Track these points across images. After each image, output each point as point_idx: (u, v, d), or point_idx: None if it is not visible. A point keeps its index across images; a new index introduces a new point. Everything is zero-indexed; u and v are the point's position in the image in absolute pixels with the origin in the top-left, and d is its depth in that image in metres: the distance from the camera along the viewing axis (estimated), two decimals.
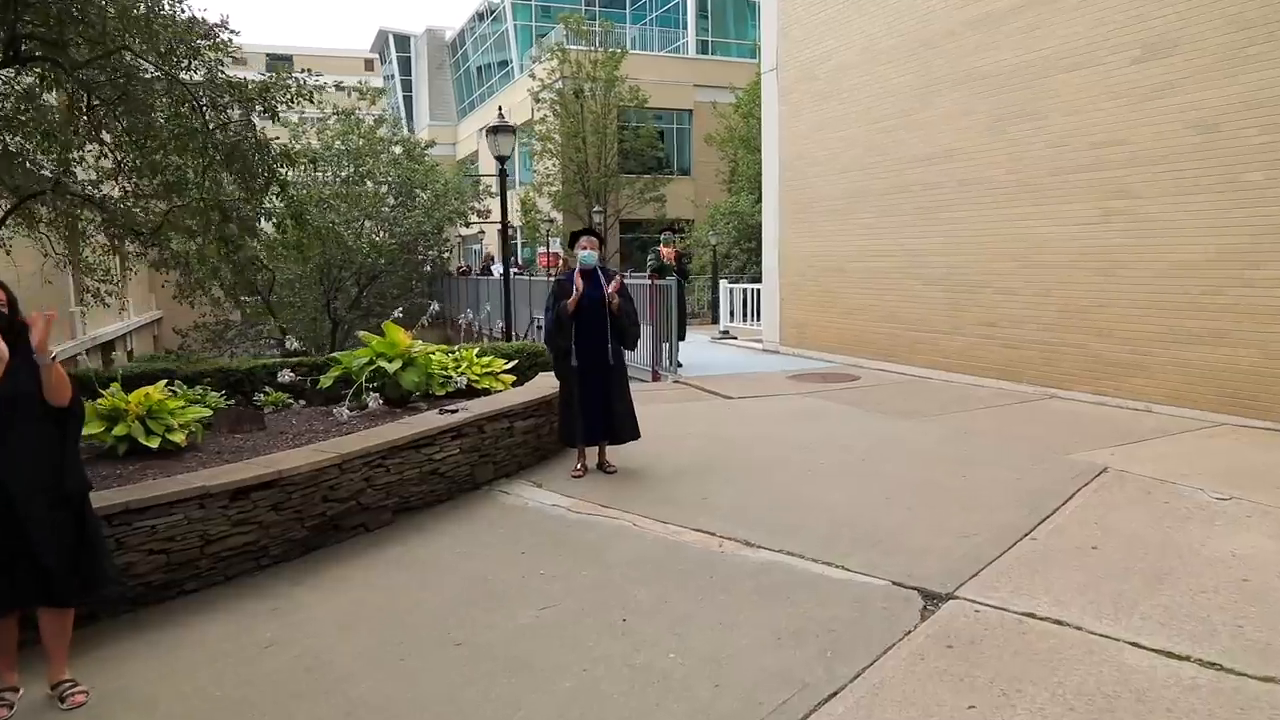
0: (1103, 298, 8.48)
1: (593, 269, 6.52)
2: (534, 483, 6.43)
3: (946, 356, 10.35)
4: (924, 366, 10.68)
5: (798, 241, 13.08)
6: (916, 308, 10.77)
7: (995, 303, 9.65)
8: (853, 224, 11.81)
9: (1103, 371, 8.52)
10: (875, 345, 11.49)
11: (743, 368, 12.06)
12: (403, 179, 22.30)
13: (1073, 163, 8.70)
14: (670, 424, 8.19)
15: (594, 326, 6.44)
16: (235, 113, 8.17)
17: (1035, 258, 9.15)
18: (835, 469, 6.46)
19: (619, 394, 6.53)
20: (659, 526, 5.32)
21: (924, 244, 10.61)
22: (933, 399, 9.21)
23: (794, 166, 13.02)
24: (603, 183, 30.39)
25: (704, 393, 10.05)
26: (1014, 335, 9.45)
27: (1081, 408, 8.46)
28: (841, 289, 12.09)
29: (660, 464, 6.77)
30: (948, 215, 10.23)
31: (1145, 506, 5.32)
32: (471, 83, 44.77)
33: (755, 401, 9.33)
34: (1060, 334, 8.92)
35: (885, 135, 11.11)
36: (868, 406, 8.84)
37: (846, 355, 12.03)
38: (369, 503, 5.51)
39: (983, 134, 9.70)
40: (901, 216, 10.93)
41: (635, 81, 29.87)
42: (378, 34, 51.61)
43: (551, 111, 30.24)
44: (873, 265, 11.48)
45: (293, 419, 6.79)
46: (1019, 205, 9.30)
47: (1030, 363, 9.27)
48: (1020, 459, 6.51)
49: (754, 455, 6.93)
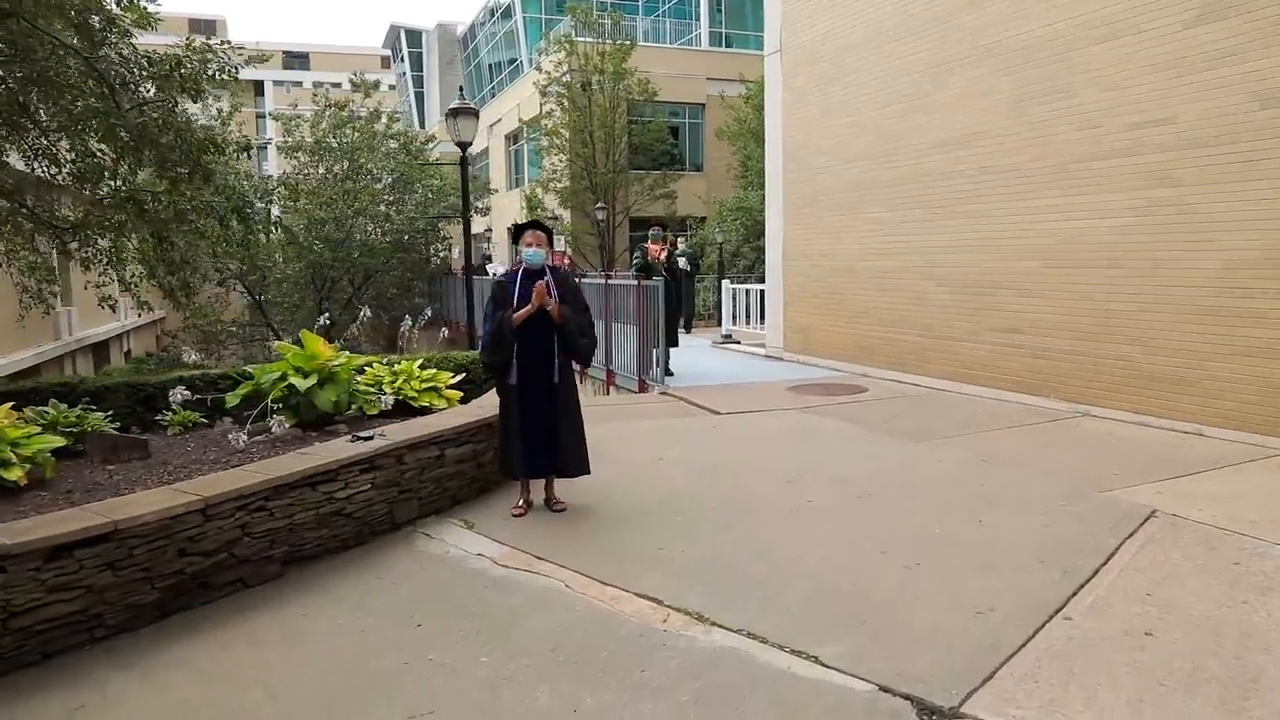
0: (1144, 302, 7.33)
1: (540, 270, 5.50)
2: (465, 523, 5.42)
3: (965, 367, 9.22)
4: (939, 377, 9.55)
5: (802, 238, 11.98)
6: (930, 312, 9.65)
7: (1019, 307, 8.52)
8: (861, 219, 10.70)
9: (1145, 387, 7.37)
10: (885, 353, 10.38)
11: (740, 377, 10.98)
12: (399, 175, 21.40)
13: (1108, 146, 7.55)
14: (644, 446, 7.14)
15: (537, 338, 5.42)
16: (151, 90, 7.22)
17: (1065, 256, 8.01)
18: (826, 509, 5.38)
19: (567, 419, 5.49)
20: (596, 589, 4.28)
21: (939, 240, 9.49)
22: (948, 416, 8.09)
23: (798, 157, 11.93)
24: (610, 179, 29.37)
25: (691, 407, 8.99)
26: (1041, 344, 8.31)
27: (1120, 429, 7.31)
28: (848, 290, 10.98)
29: (619, 499, 5.73)
30: (965, 208, 9.10)
31: (1210, 569, 4.21)
32: (483, 78, 43.94)
33: (746, 419, 8.27)
34: (1095, 343, 7.78)
35: (896, 120, 9.99)
36: (873, 425, 7.75)
37: (854, 363, 10.92)
38: (247, 554, 4.51)
39: (1004, 116, 8.56)
40: (914, 210, 9.81)
41: (646, 74, 28.84)
42: (389, 29, 50.91)
43: (558, 105, 29.26)
44: (882, 264, 10.36)
45: (188, 445, 5.81)
46: (1046, 196, 8.16)
47: (1060, 375, 8.13)
48: (1049, 497, 5.40)
49: (732, 489, 5.87)
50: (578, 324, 5.49)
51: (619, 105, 29.20)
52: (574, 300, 5.56)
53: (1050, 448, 6.76)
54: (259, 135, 24.46)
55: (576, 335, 5.46)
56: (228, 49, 7.38)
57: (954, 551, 4.55)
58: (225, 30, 74.12)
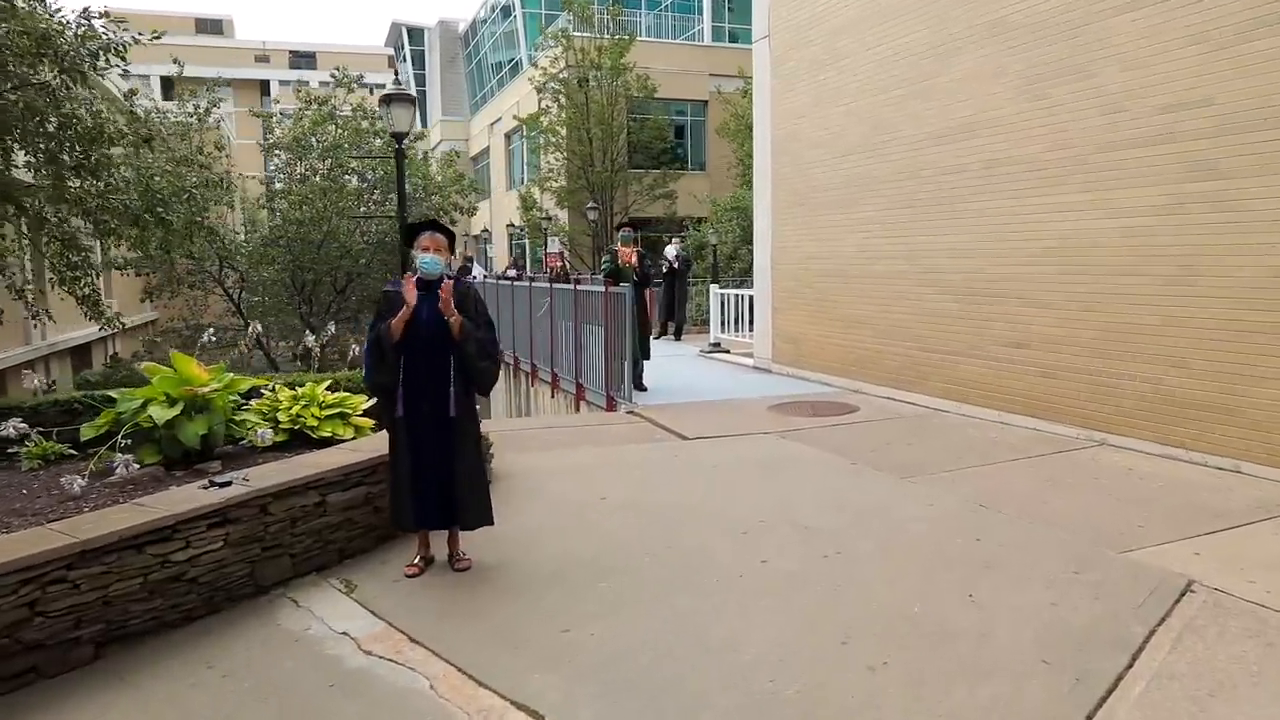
0: (1175, 314, 6.30)
1: (438, 280, 4.54)
2: (346, 585, 4.47)
3: (966, 385, 8.19)
4: (938, 396, 8.53)
5: (791, 240, 10.97)
6: (929, 322, 8.62)
7: (1028, 318, 7.48)
8: (855, 218, 9.68)
9: (1175, 415, 6.33)
10: (880, 367, 9.35)
11: (721, 392, 9.98)
12: (382, 173, 20.50)
13: (1133, 133, 6.52)
14: (590, 480, 6.17)
15: (431, 360, 4.46)
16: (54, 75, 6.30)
17: (1082, 260, 6.98)
18: (784, 573, 4.38)
19: (464, 460, 4.53)
20: (467, 693, 3.32)
21: (939, 242, 8.46)
22: (944, 445, 7.07)
23: (788, 150, 10.92)
24: (608, 178, 28.42)
25: (657, 429, 8.01)
26: (1052, 361, 7.27)
27: (1143, 463, 6.27)
28: (841, 297, 9.97)
29: (541, 553, 4.77)
30: (969, 206, 8.07)
31: (1270, 677, 3.19)
32: (484, 75, 43.07)
33: (715, 445, 7.28)
34: (1115, 361, 6.74)
35: (894, 108, 8.97)
36: (858, 455, 6.74)
37: (846, 378, 9.91)
38: (40, 638, 3.58)
39: (1014, 100, 7.53)
40: (911, 209, 8.79)
41: (646, 70, 27.90)
42: (391, 27, 50.13)
43: (554, 102, 28.34)
44: (878, 268, 9.34)
45: (25, 487, 4.87)
46: (1061, 191, 7.13)
47: (1074, 398, 7.09)
48: (1058, 559, 4.39)
49: (677, 541, 4.89)
50: (479, 344, 4.52)
51: (617, 102, 28.26)
52: (475, 314, 4.58)
53: (1060, 487, 5.73)
54: (265, 136, 23.52)
55: (476, 357, 4.49)
56: (112, 25, 6.43)
57: (935, 643, 3.54)
58: (232, 30, 73.77)
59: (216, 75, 24.86)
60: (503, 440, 7.57)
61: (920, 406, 8.64)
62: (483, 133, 41.21)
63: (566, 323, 10.93)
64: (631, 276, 9.73)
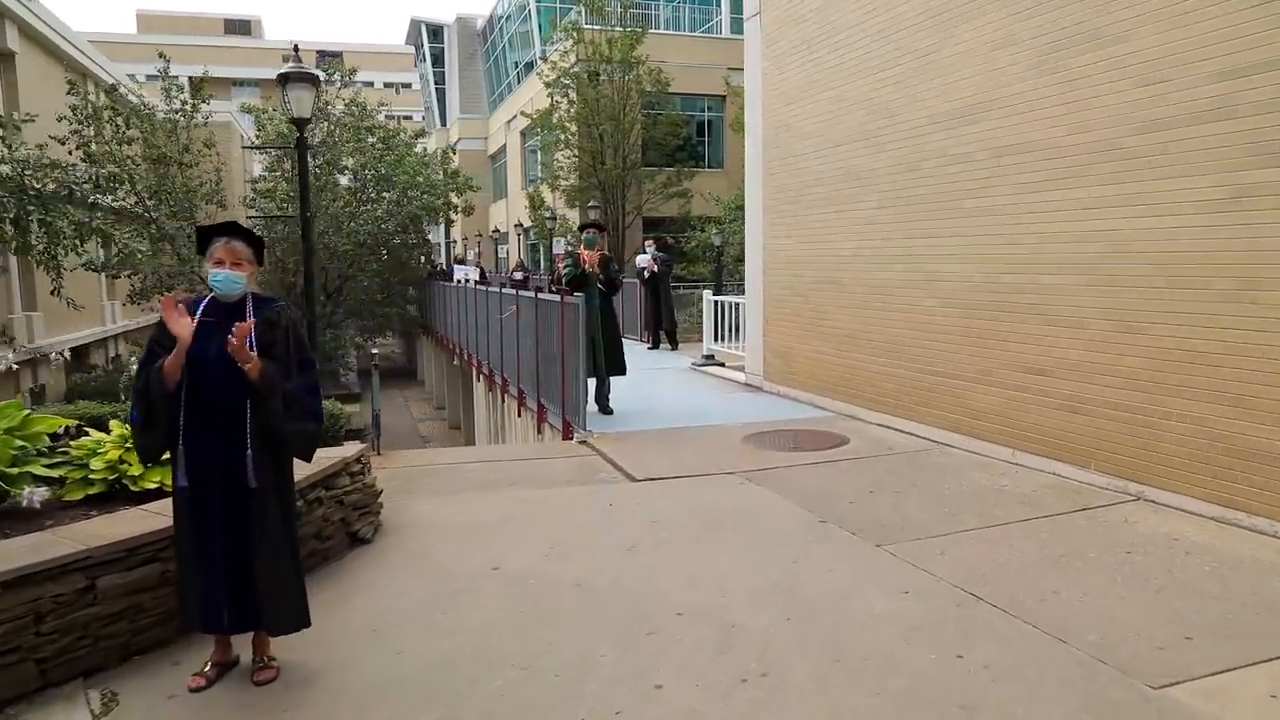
0: (1234, 338, 4.96)
1: (239, 303, 3.40)
2: (104, 702, 3.34)
3: (974, 415, 6.88)
4: (942, 428, 7.22)
5: (783, 242, 9.70)
6: (932, 340, 7.32)
7: (1048, 339, 6.16)
8: (849, 217, 8.39)
9: (1233, 467, 4.99)
10: (877, 390, 8.06)
11: (697, 415, 8.74)
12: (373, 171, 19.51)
13: (1178, 109, 5.18)
14: (489, 541, 4.99)
15: (222, 415, 3.30)
16: None
17: (1114, 267, 5.65)
18: (678, 712, 3.15)
19: (269, 544, 3.37)
20: None
21: (941, 245, 7.16)
22: (941, 494, 5.77)
23: (778, 141, 9.65)
24: (618, 176, 27.24)
25: (605, 466, 6.81)
26: (1077, 392, 5.95)
27: (1192, 530, 4.93)
28: (835, 308, 8.68)
29: (370, 662, 3.59)
30: (976, 203, 6.77)
31: None
32: (502, 72, 42.13)
33: (666, 490, 6.06)
34: (1155, 396, 5.40)
35: (892, 89, 7.67)
36: (832, 509, 5.48)
37: (840, 400, 8.62)
38: None
39: (1028, 74, 6.21)
40: (913, 205, 7.49)
41: (661, 64, 26.72)
42: (410, 25, 49.45)
43: (564, 97, 27.22)
44: (874, 276, 8.05)
45: None
46: (1086, 184, 5.81)
47: (1103, 439, 5.76)
48: (1067, 700, 3.10)
49: (556, 645, 3.68)
50: (290, 397, 3.35)
51: (629, 97, 27.08)
52: (287, 353, 3.41)
53: (1081, 565, 4.42)
54: (256, 134, 22.66)
55: (282, 415, 3.31)
56: None
57: None
58: (261, 30, 73.92)
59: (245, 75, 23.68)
60: (419, 478, 6.43)
61: (920, 439, 7.33)
62: (500, 131, 40.28)
63: (527, 336, 9.77)
64: (596, 284, 8.52)
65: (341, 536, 5.00)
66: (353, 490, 5.07)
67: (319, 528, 4.75)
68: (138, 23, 67.88)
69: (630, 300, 17.17)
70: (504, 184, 40.51)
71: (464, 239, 42.42)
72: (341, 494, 4.97)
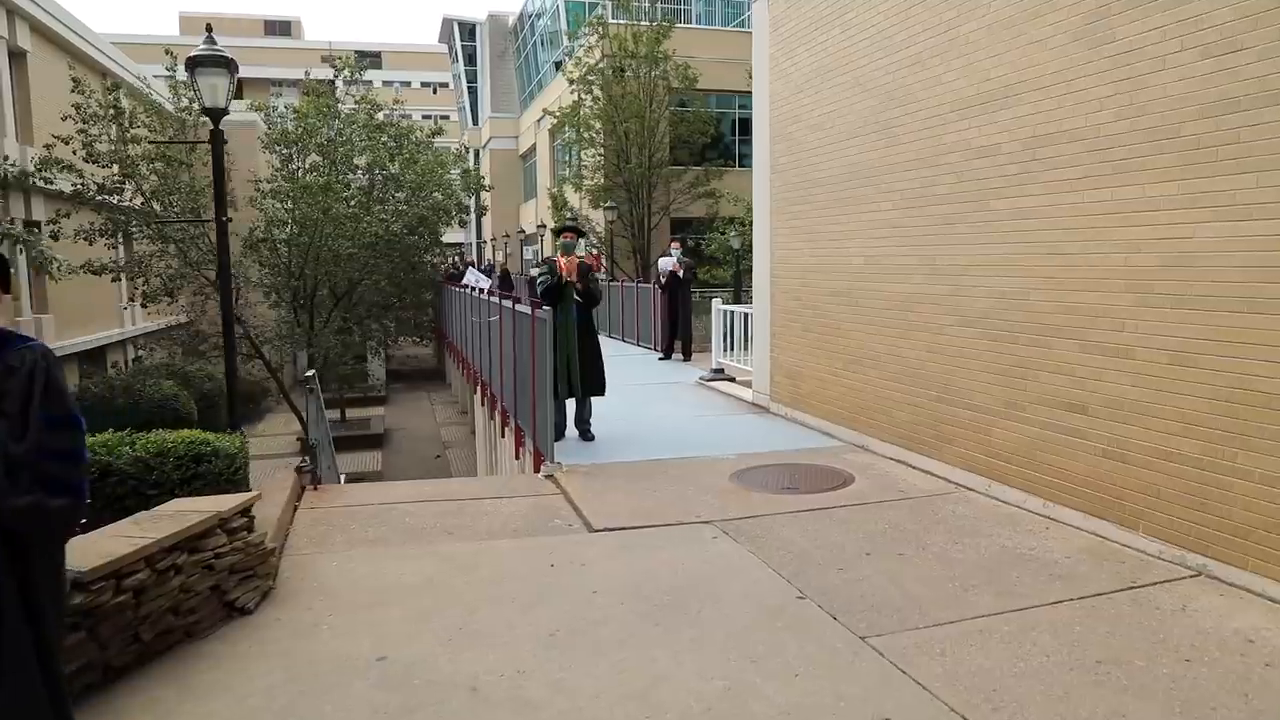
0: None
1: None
2: None
3: (1000, 456, 5.81)
4: (962, 467, 6.16)
5: (791, 247, 8.69)
6: (952, 364, 6.27)
7: (1090, 369, 5.09)
8: (862, 219, 7.37)
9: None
10: (890, 420, 7.02)
11: (689, 443, 7.78)
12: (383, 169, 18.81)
13: (1254, 86, 4.10)
14: (386, 619, 4.10)
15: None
16: None
17: (1171, 285, 4.58)
18: None
19: (6, 687, 2.48)
20: None
21: (966, 254, 6.10)
22: (951, 561, 4.74)
23: (786, 134, 8.64)
24: (644, 175, 26.29)
25: (566, 508, 5.89)
26: (1122, 435, 4.87)
27: (1270, 626, 3.84)
28: (846, 323, 7.66)
29: None
30: (1006, 204, 5.70)
31: None
32: (533, 70, 41.45)
33: (622, 546, 5.12)
34: (1224, 445, 4.32)
35: (909, 72, 6.63)
36: (816, 578, 4.50)
37: (850, 428, 7.59)
38: None
39: (1069, 47, 5.15)
40: (933, 207, 6.44)
41: (689, 59, 25.72)
42: (443, 23, 49.04)
43: (588, 94, 26.37)
44: (889, 288, 7.01)
45: None
46: (1138, 180, 4.73)
47: (1155, 496, 4.69)
48: None
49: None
50: (16, 459, 2.47)
51: (656, 93, 26.12)
52: (22, 409, 2.52)
53: (1121, 681, 3.38)
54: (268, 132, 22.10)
55: (8, 487, 2.44)
56: None
57: None
58: (300, 31, 74.45)
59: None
60: (344, 523, 5.57)
61: (937, 479, 6.29)
62: (530, 129, 39.60)
63: (508, 349, 8.89)
64: (573, 295, 7.60)
65: (213, 607, 4.15)
66: (228, 551, 4.22)
67: (175, 601, 3.91)
68: (180, 25, 68.69)
69: (645, 306, 16.24)
70: (534, 183, 39.84)
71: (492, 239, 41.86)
72: (212, 556, 4.12)
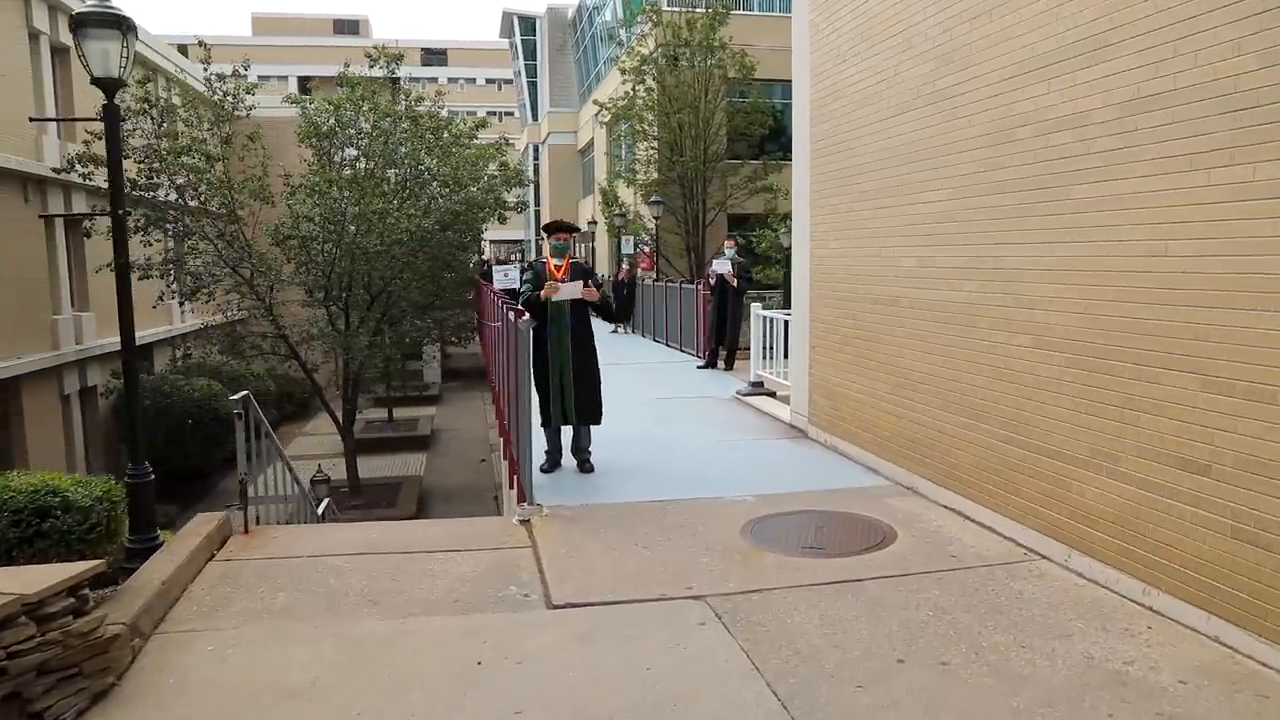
0: None
1: None
2: None
3: (1084, 519, 4.46)
4: (1037, 530, 4.82)
5: (830, 244, 7.40)
6: (1024, 396, 4.92)
7: (1211, 411, 3.73)
8: (912, 212, 6.05)
9: None
10: (945, 460, 5.69)
11: (704, 478, 6.57)
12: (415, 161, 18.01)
13: None
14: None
15: None
16: None
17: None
18: None
19: None
20: None
21: (1042, 254, 4.75)
22: (1015, 679, 3.44)
23: (827, 113, 7.35)
24: (698, 169, 25.02)
25: (529, 568, 4.77)
26: (1261, 510, 3.50)
27: None
28: (891, 337, 6.35)
29: None
30: (1095, 189, 4.35)
31: None
32: (591, 63, 40.52)
33: (584, 632, 3.98)
34: None
35: (971, 26, 5.30)
36: (826, 698, 3.28)
37: (896, 464, 6.29)
38: None
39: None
40: (1000, 195, 5.10)
41: (747, 47, 24.38)
42: (503, 17, 48.43)
43: (640, 83, 25.26)
44: (945, 296, 5.68)
45: None
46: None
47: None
48: None
49: None
50: None
51: (711, 83, 24.84)
52: None
53: None
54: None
55: None
56: None
57: None
58: (369, 30, 75.23)
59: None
60: (253, 585, 4.56)
61: (1001, 540, 4.96)
62: (589, 124, 38.70)
63: (500, 364, 7.81)
64: (565, 306, 6.47)
65: None
66: (33, 648, 3.22)
67: None
68: (252, 25, 70.01)
69: (690, 308, 15.03)
70: (592, 179, 38.92)
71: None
72: (3, 656, 3.13)
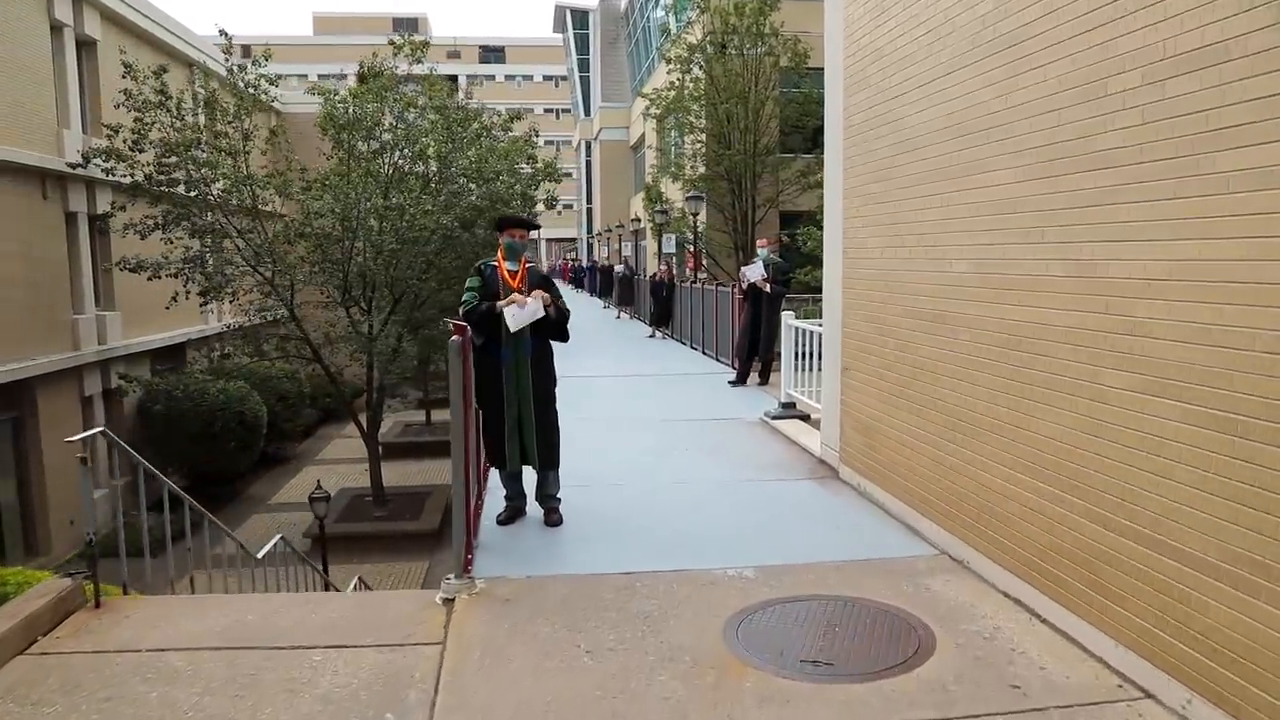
0: None
1: None
2: None
3: (1217, 654, 3.01)
4: (1137, 651, 3.36)
5: (866, 241, 5.98)
6: (1131, 460, 3.46)
7: None
8: (966, 201, 4.61)
9: None
10: (1011, 530, 4.25)
11: (696, 540, 5.24)
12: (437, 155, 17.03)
13: None
14: None
15: None
16: None
17: None
18: None
19: None
20: None
21: (1158, 256, 3.30)
22: None
23: (865, 79, 5.93)
24: (747, 163, 23.58)
25: (416, 692, 3.51)
26: None
27: None
28: (939, 364, 4.91)
29: None
30: (1250, 157, 2.89)
31: None
32: (643, 56, 39.35)
33: None
34: None
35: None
36: None
37: (945, 528, 4.86)
38: None
39: None
40: (1089, 173, 3.65)
41: (801, 34, 22.86)
42: (555, 12, 47.59)
43: (686, 73, 23.98)
44: (1008, 311, 4.24)
45: None
46: None
47: None
48: None
49: None
50: None
51: (762, 71, 23.39)
52: None
53: None
54: None
55: None
56: None
57: None
58: (428, 27, 75.51)
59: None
60: (47, 696, 3.39)
61: (1087, 660, 3.51)
62: (640, 119, 37.57)
63: None
64: (549, 317, 5.21)
65: None
66: None
67: None
68: (314, 25, 70.71)
69: (725, 313, 13.66)
70: (643, 175, 37.79)
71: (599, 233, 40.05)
72: None
